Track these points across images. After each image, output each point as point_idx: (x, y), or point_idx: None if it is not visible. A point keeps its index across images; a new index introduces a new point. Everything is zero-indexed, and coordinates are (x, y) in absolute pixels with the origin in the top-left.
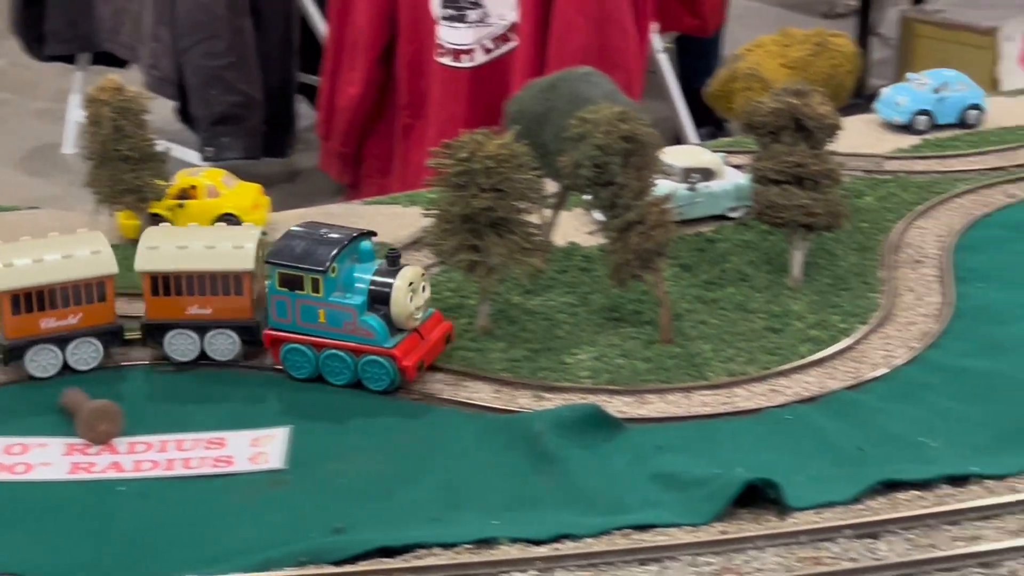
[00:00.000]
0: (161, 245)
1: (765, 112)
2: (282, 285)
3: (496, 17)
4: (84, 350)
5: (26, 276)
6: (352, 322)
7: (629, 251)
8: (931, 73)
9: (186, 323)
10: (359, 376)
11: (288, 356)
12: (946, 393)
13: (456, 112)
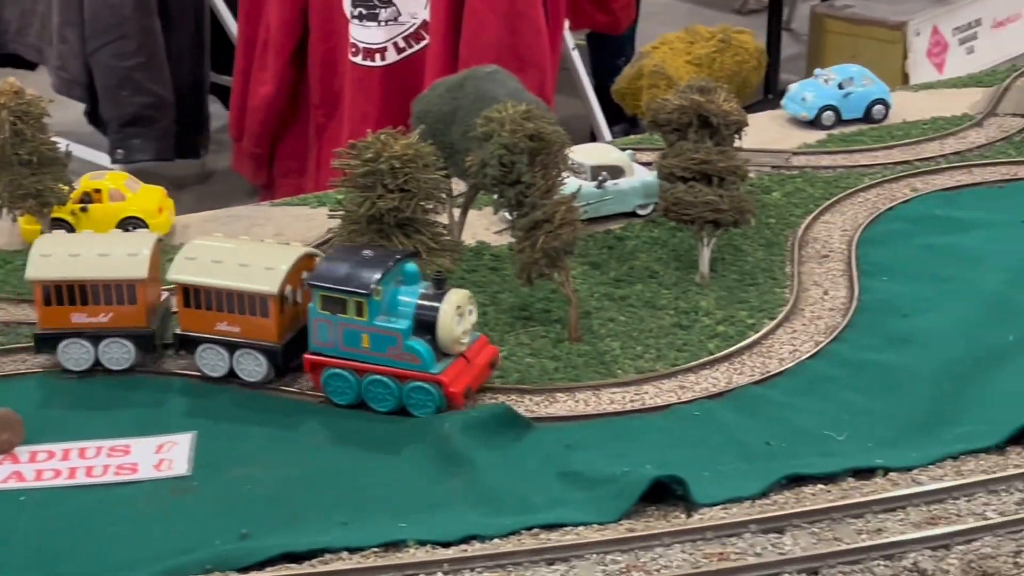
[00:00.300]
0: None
1: (670, 109)
2: (324, 308)
3: (408, 15)
4: (115, 350)
5: (58, 269)
6: (397, 347)
7: (537, 250)
8: (837, 69)
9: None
10: (404, 403)
11: (329, 381)
12: (851, 387)
13: (369, 111)
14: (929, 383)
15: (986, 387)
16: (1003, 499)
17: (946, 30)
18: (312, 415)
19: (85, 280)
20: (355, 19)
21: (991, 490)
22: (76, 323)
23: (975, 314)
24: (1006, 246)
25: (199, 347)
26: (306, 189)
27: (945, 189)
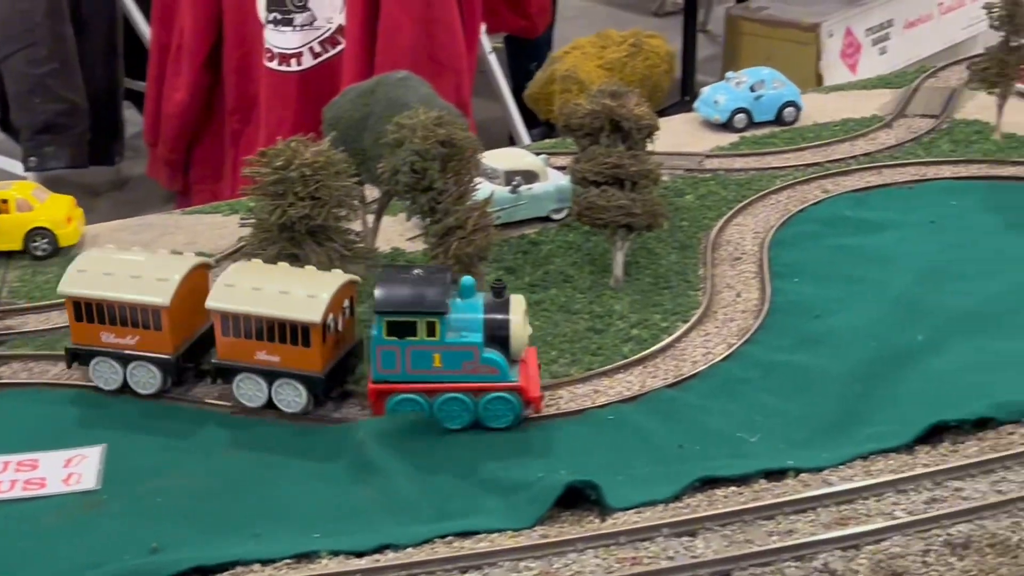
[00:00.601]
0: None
1: (582, 114)
2: (390, 334)
3: (323, 20)
4: (142, 374)
5: (89, 285)
6: (473, 361)
7: (450, 256)
8: (748, 72)
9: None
10: (480, 415)
11: (399, 408)
12: (764, 388)
13: (285, 116)
14: (840, 383)
15: (896, 387)
16: (911, 498)
17: (859, 31)
18: (224, 426)
19: (113, 300)
20: (270, 24)
21: (900, 489)
22: (105, 342)
23: (885, 314)
24: (915, 246)
25: (237, 376)
26: (222, 195)
27: (855, 190)
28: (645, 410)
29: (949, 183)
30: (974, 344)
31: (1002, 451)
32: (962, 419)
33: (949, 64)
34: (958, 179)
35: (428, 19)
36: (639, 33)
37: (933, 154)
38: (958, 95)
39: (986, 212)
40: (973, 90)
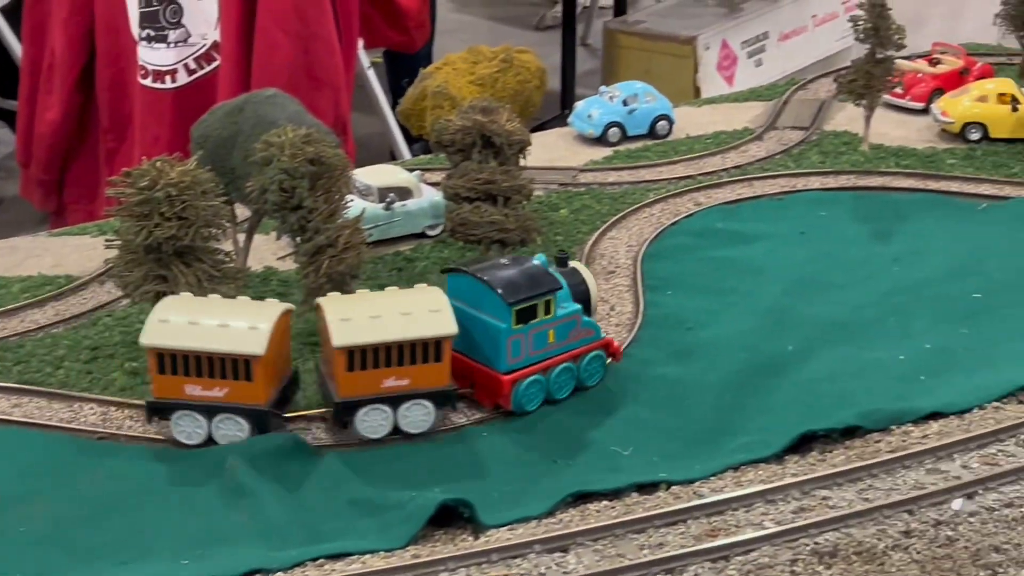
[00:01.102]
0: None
1: (454, 130)
2: (518, 323)
3: (198, 36)
4: (229, 427)
5: (172, 336)
6: (577, 327)
7: (321, 275)
8: (621, 86)
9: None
10: (581, 378)
11: (527, 391)
12: (638, 401)
13: (160, 135)
14: (713, 395)
15: (767, 397)
16: (780, 508)
17: (735, 44)
18: (91, 450)
19: (200, 352)
20: (143, 41)
21: (768, 500)
22: (190, 395)
23: (756, 325)
24: (785, 258)
25: (360, 411)
26: (97, 215)
27: (727, 202)
28: (521, 426)
29: (818, 194)
30: (842, 353)
31: (868, 459)
32: (830, 428)
33: (818, 76)
34: (827, 190)
35: (305, 35)
36: (510, 49)
37: (803, 166)
38: (827, 107)
39: (854, 222)
40: (841, 102)
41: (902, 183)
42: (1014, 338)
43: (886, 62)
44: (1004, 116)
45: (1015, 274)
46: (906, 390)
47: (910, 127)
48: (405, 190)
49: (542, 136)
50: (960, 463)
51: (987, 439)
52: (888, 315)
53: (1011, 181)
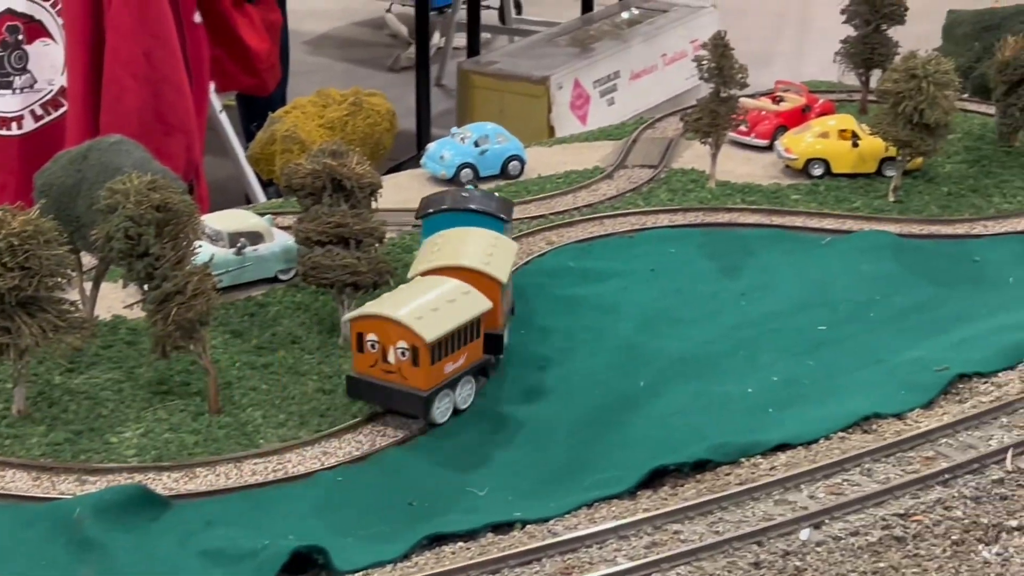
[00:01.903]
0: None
1: (304, 174)
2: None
3: (44, 82)
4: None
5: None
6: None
7: (170, 322)
8: (472, 127)
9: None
10: None
11: None
12: (493, 441)
13: (7, 182)
14: (567, 432)
15: (620, 433)
16: (633, 544)
17: (587, 83)
18: None
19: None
20: None
21: (621, 536)
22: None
23: (609, 362)
24: (637, 294)
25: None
26: None
27: (579, 241)
28: (375, 470)
29: (667, 231)
30: (692, 387)
31: (718, 492)
32: (681, 462)
33: (666, 115)
34: (676, 227)
35: (154, 79)
36: (359, 91)
37: (652, 203)
38: (675, 145)
39: (702, 258)
40: (688, 140)
41: (748, 219)
42: (858, 368)
43: (730, 100)
44: (845, 152)
45: (858, 306)
46: (755, 423)
47: (755, 164)
48: (256, 235)
49: (395, 178)
50: (807, 493)
51: (833, 469)
52: (737, 349)
53: (853, 215)
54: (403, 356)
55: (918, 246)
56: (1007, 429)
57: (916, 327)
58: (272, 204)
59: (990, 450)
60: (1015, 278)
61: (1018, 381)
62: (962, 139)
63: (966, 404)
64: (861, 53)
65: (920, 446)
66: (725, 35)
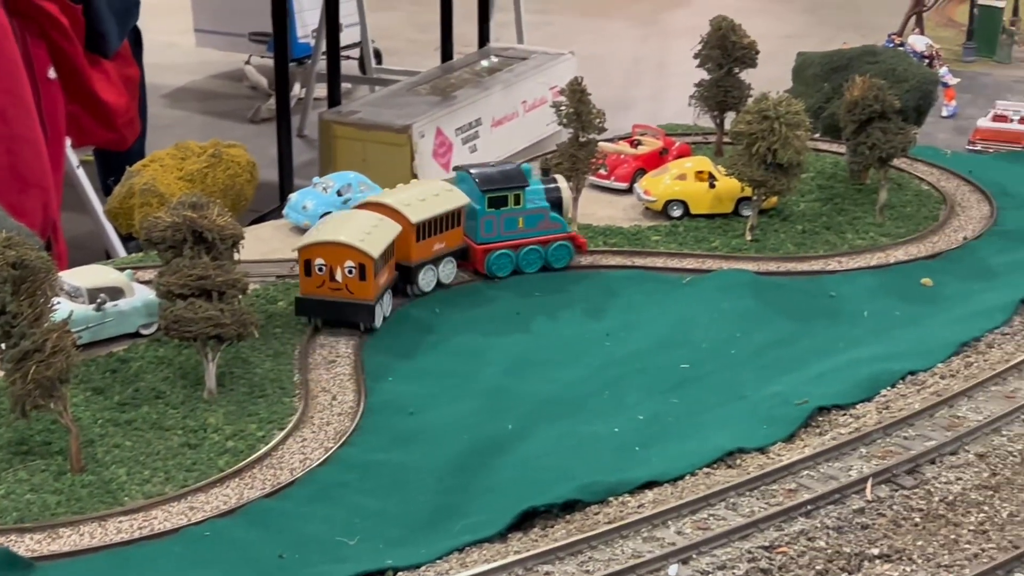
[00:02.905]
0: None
1: (163, 227)
2: (490, 207)
3: None
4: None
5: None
6: (544, 220)
7: (29, 381)
8: (335, 176)
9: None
10: (549, 259)
11: (497, 261)
12: (362, 490)
13: None
14: (436, 478)
15: (489, 477)
16: None
17: (449, 131)
18: None
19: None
20: None
21: None
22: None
23: (477, 406)
24: (502, 339)
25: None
26: None
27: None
28: (243, 523)
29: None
30: (560, 429)
31: (588, 531)
32: (550, 503)
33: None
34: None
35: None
36: (219, 143)
37: None
38: None
39: (567, 301)
40: None
41: (611, 260)
42: (721, 404)
43: (590, 145)
44: (703, 193)
45: (719, 343)
46: (622, 461)
47: (616, 206)
48: (116, 290)
49: (258, 229)
50: (675, 529)
51: (699, 504)
52: (603, 389)
53: (712, 254)
54: (350, 273)
55: (776, 283)
56: (866, 459)
57: (776, 362)
58: (132, 259)
59: (850, 480)
60: (869, 312)
61: (875, 412)
62: (815, 178)
63: (826, 436)
64: (715, 96)
65: (783, 479)
66: (582, 81)
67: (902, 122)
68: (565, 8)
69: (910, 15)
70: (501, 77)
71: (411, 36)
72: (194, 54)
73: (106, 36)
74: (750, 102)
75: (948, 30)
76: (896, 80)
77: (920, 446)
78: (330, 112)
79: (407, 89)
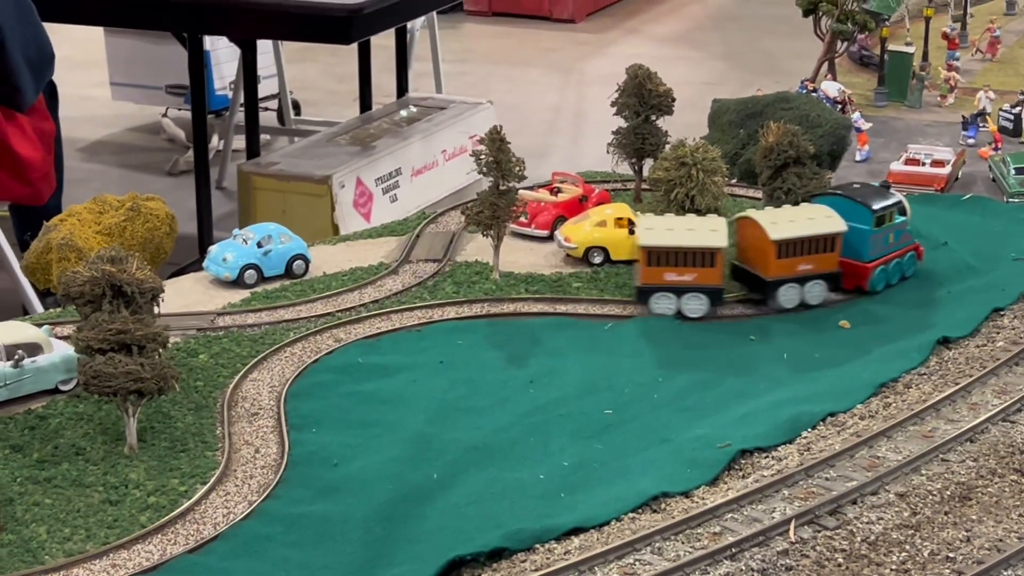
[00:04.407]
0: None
1: (82, 282)
2: (877, 226)
3: None
4: (694, 303)
5: (659, 238)
6: (904, 235)
7: None
8: (254, 228)
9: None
10: (903, 271)
11: (879, 276)
12: (287, 542)
13: None
14: (361, 529)
15: (415, 526)
16: None
17: (369, 181)
18: None
19: (678, 247)
20: None
21: None
22: (667, 280)
23: (402, 455)
24: (427, 387)
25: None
26: None
27: (367, 337)
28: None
29: (454, 323)
30: (486, 476)
31: None
32: (477, 551)
33: (449, 209)
34: (462, 319)
35: None
36: (137, 196)
37: (438, 296)
38: (458, 238)
39: (490, 348)
40: (471, 232)
41: (533, 308)
42: (645, 448)
43: (510, 193)
44: (623, 239)
45: (641, 388)
46: (548, 508)
47: (537, 254)
48: (34, 346)
49: (177, 282)
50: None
51: (625, 550)
52: (528, 435)
53: (633, 300)
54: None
55: (697, 327)
56: (788, 501)
57: (698, 405)
58: (50, 314)
59: (774, 522)
60: (789, 354)
61: (796, 454)
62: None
63: (749, 479)
64: (633, 143)
65: (707, 522)
66: (501, 130)
67: (817, 167)
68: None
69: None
70: (420, 127)
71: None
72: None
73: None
74: (667, 149)
75: (859, 75)
76: (810, 126)
77: (841, 487)
78: (249, 163)
79: (326, 140)
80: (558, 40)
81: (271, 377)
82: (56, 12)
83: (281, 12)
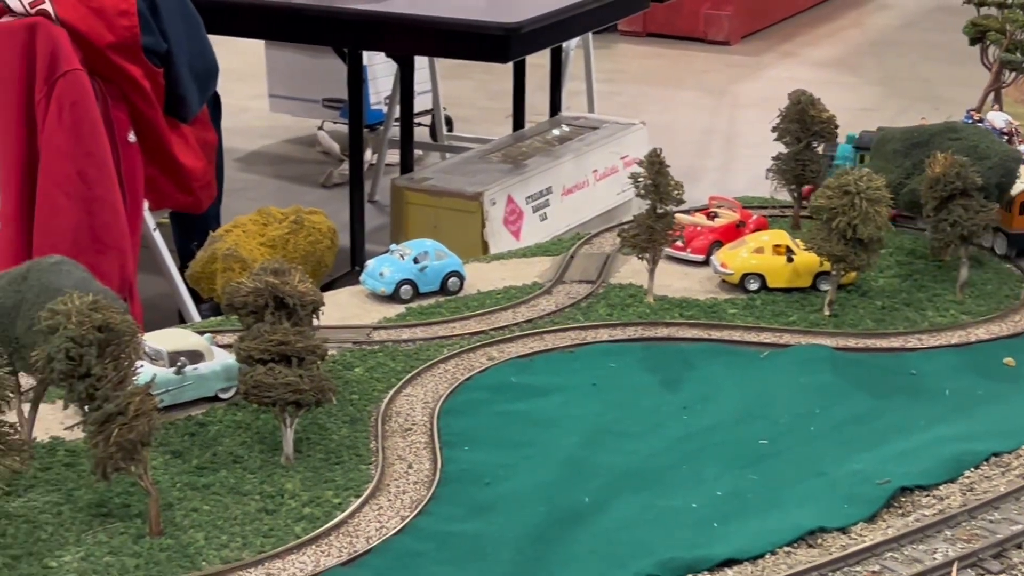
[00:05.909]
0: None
1: (246, 292)
2: None
3: None
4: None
5: None
6: None
7: (111, 444)
8: (411, 243)
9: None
10: None
11: None
12: (438, 560)
13: None
14: (512, 549)
15: (566, 549)
16: None
17: (520, 199)
18: None
19: None
20: None
21: None
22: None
23: (554, 477)
24: (579, 409)
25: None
26: None
27: (520, 356)
28: None
29: (607, 346)
30: (638, 501)
31: None
32: None
33: (603, 230)
34: (615, 342)
35: (88, 198)
36: (300, 209)
37: (591, 318)
38: (612, 260)
39: (643, 372)
40: (625, 255)
41: (687, 333)
42: (800, 481)
43: (667, 216)
44: (780, 266)
45: (798, 418)
46: (701, 537)
47: (692, 279)
48: (196, 353)
49: (334, 295)
50: None
51: None
52: (681, 462)
53: (789, 329)
54: None
55: (855, 359)
56: (951, 543)
57: (856, 439)
58: (211, 322)
59: (935, 564)
60: (951, 390)
61: (959, 494)
62: (894, 254)
63: (909, 517)
64: (792, 170)
65: (866, 560)
66: (661, 152)
67: (984, 199)
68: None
69: (988, 91)
70: (572, 146)
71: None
72: (268, 119)
73: (186, 100)
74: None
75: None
76: (978, 157)
77: (1006, 530)
78: (402, 178)
79: (479, 157)
80: (711, 62)
81: (425, 393)
82: (222, 25)
83: (441, 30)
